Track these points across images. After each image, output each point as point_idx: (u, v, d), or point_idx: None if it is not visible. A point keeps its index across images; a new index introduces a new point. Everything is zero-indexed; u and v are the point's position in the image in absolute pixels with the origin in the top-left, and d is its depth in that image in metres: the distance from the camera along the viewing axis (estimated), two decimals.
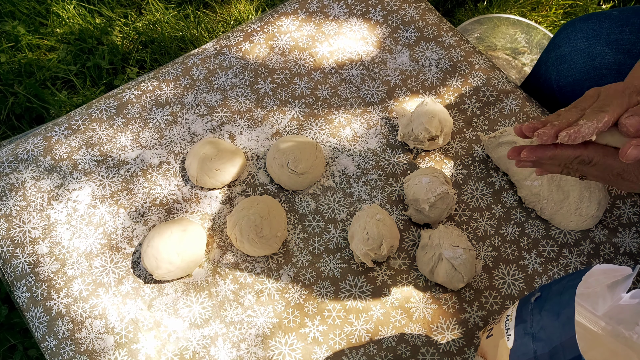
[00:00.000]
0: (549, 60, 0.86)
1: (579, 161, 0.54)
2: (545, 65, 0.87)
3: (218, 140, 0.77)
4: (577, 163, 0.54)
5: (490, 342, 0.57)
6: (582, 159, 0.53)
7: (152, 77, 0.85)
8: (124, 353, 0.67)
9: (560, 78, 0.83)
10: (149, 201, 0.76)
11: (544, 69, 0.88)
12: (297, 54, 0.86)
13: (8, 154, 0.79)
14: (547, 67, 0.87)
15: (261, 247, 0.70)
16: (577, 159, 0.53)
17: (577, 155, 0.53)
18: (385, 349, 0.67)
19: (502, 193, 0.76)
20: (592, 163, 0.53)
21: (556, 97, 0.86)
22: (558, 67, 0.84)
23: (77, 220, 0.74)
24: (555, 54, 0.85)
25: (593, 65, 0.79)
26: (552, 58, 0.85)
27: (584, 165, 0.54)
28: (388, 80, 0.84)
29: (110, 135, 0.80)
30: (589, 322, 0.53)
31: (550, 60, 0.86)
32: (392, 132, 0.81)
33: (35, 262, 0.72)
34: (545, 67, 0.87)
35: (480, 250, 0.73)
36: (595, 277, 0.49)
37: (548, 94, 0.87)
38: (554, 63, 0.84)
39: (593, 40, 0.79)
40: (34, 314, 0.70)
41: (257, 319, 0.69)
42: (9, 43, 1.43)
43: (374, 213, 0.70)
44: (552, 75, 0.85)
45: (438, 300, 0.70)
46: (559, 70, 0.84)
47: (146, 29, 1.46)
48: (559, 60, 0.83)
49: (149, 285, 0.71)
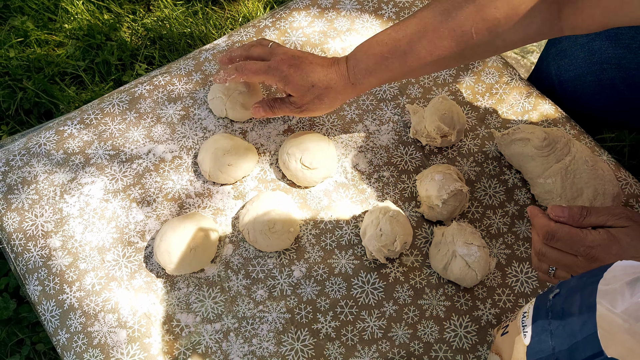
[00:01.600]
0: (550, 56, 0.86)
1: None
2: (546, 61, 0.87)
3: (230, 135, 0.77)
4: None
5: (505, 339, 0.57)
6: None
7: (164, 72, 0.85)
8: (137, 347, 0.67)
9: (561, 73, 0.83)
10: (161, 196, 0.76)
11: (544, 65, 0.88)
12: (309, 50, 0.86)
13: (20, 147, 0.79)
14: (548, 62, 0.86)
15: (273, 243, 0.70)
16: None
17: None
18: (398, 346, 0.67)
19: (515, 190, 0.76)
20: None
21: (557, 93, 0.85)
22: (559, 62, 0.83)
23: (90, 214, 0.74)
24: (556, 49, 0.84)
25: (593, 60, 0.79)
26: (552, 53, 0.85)
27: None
28: None
29: (122, 129, 0.80)
30: (606, 319, 0.53)
31: (550, 55, 0.86)
32: (405, 129, 0.80)
33: (48, 255, 0.72)
34: (546, 63, 0.87)
35: (493, 247, 0.72)
36: (615, 273, 0.49)
37: (549, 89, 0.86)
38: (555, 58, 0.84)
39: (593, 34, 0.79)
40: (46, 307, 0.70)
41: (269, 314, 0.69)
42: (17, 38, 1.43)
43: (386, 210, 0.70)
44: (552, 70, 0.85)
45: (451, 298, 0.69)
46: (559, 65, 0.83)
47: (155, 25, 1.46)
48: (559, 55, 0.83)
49: (162, 280, 0.71)
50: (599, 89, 0.80)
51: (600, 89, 0.80)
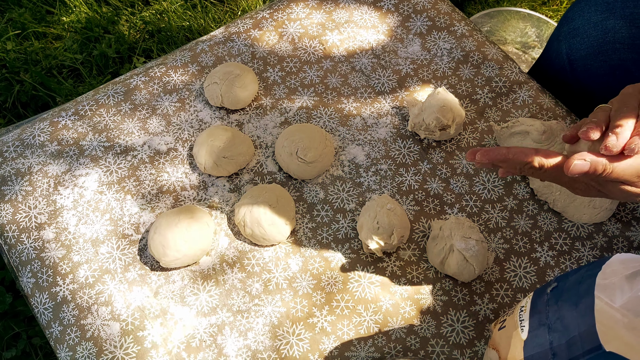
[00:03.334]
0: (561, 34, 0.84)
1: (530, 167, 0.53)
2: (557, 40, 0.85)
3: (227, 127, 0.76)
4: (528, 168, 0.53)
5: (502, 333, 0.56)
6: (531, 165, 0.53)
7: (160, 64, 0.84)
8: (130, 340, 0.66)
9: (572, 52, 0.81)
10: (156, 188, 0.75)
11: (555, 44, 0.86)
12: (307, 42, 0.85)
13: (14, 138, 0.78)
14: (559, 41, 0.84)
15: (269, 236, 0.69)
16: (527, 165, 0.53)
17: (526, 162, 0.52)
18: (394, 340, 0.66)
19: (514, 185, 0.75)
20: (543, 170, 0.53)
21: (567, 73, 0.83)
22: (570, 40, 0.81)
23: (84, 207, 0.74)
24: (568, 27, 0.82)
25: (606, 39, 0.77)
26: (564, 32, 0.83)
27: (535, 171, 0.54)
28: (399, 70, 0.83)
29: (117, 121, 0.79)
30: (604, 314, 0.52)
31: (562, 34, 0.83)
32: (403, 122, 0.79)
33: (41, 247, 0.71)
34: (557, 41, 0.85)
35: (491, 242, 0.71)
36: (614, 267, 0.48)
37: (559, 69, 0.84)
38: (566, 37, 0.82)
39: (607, 13, 0.77)
40: (39, 300, 0.69)
41: (265, 308, 0.68)
42: (15, 31, 1.42)
43: (384, 203, 0.69)
44: (563, 49, 0.83)
45: (448, 292, 0.69)
46: (571, 44, 0.81)
47: (153, 19, 1.45)
48: (571, 34, 0.81)
49: (156, 273, 0.70)
50: (610, 70, 0.78)
51: (612, 69, 0.78)
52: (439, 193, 0.75)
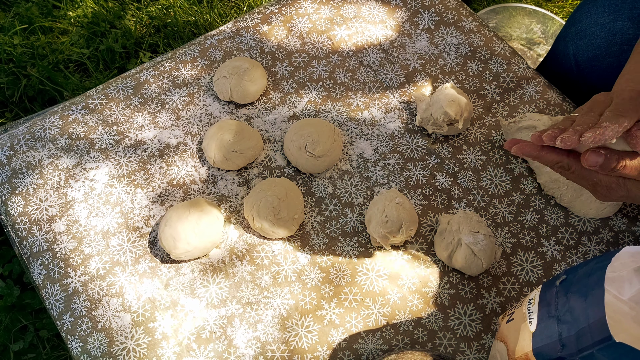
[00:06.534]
0: (568, 35, 0.84)
1: (560, 166, 0.56)
2: (564, 40, 0.85)
3: (236, 122, 0.77)
4: (558, 167, 0.56)
5: (510, 326, 0.57)
6: (562, 165, 0.56)
7: (169, 58, 0.84)
8: (141, 331, 0.67)
9: (579, 53, 0.81)
10: (166, 181, 0.76)
11: (562, 44, 0.86)
12: (315, 37, 0.85)
13: (25, 132, 0.79)
14: (566, 42, 0.84)
15: (278, 229, 0.70)
16: (557, 164, 0.56)
17: (557, 161, 0.55)
18: (402, 333, 0.67)
19: (521, 180, 0.75)
20: (571, 170, 0.56)
21: (574, 74, 0.84)
22: (577, 42, 0.82)
23: (95, 199, 0.74)
24: (575, 28, 0.82)
25: (614, 41, 0.77)
26: (571, 33, 0.83)
27: (564, 171, 0.57)
28: (407, 65, 0.83)
29: (127, 115, 0.80)
30: (613, 306, 0.53)
31: (569, 35, 0.83)
32: (411, 117, 0.80)
33: (52, 239, 0.72)
34: (564, 42, 0.85)
35: (498, 236, 0.72)
36: (622, 260, 0.49)
37: (566, 70, 0.84)
38: (573, 38, 0.82)
39: (615, 15, 0.77)
40: (50, 291, 0.70)
41: (274, 300, 0.69)
42: (22, 25, 1.43)
43: (393, 197, 0.70)
44: (570, 50, 0.83)
45: (455, 286, 0.69)
46: (578, 45, 0.82)
47: (159, 14, 1.46)
48: (578, 35, 0.81)
49: (166, 265, 0.71)
50: (617, 71, 0.79)
51: (619, 71, 0.79)
52: (446, 187, 0.75)
